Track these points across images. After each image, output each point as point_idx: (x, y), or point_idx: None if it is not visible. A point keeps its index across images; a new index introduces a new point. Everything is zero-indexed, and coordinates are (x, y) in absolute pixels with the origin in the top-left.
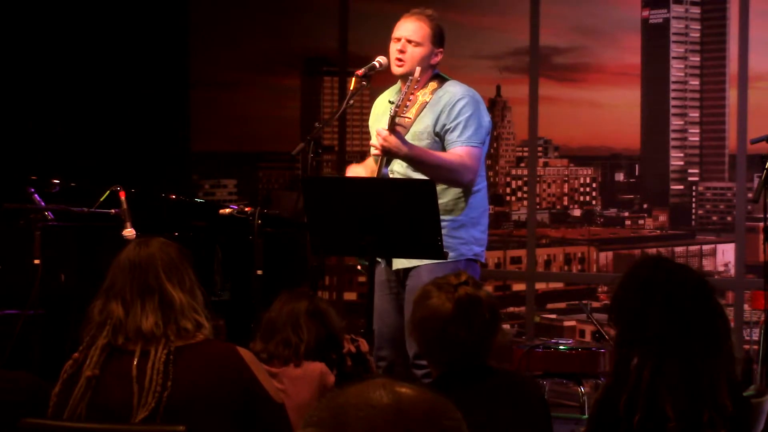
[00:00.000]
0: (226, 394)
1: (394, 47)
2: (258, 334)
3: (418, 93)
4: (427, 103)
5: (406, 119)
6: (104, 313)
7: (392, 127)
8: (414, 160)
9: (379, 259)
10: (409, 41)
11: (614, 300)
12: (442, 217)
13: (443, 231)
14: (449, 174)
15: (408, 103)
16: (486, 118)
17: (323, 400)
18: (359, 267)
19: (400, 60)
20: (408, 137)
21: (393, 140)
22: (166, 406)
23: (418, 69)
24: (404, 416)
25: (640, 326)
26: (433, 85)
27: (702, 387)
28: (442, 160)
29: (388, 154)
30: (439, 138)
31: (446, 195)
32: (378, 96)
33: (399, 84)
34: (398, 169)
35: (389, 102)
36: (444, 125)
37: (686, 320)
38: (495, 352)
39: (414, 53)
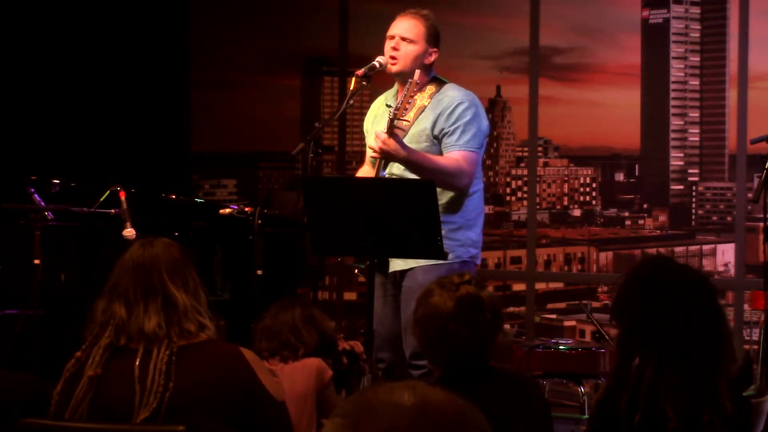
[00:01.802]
0: (227, 395)
1: (388, 45)
2: (255, 341)
3: (416, 96)
4: (425, 107)
5: (404, 122)
6: (107, 313)
7: (391, 130)
8: (412, 163)
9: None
10: (403, 39)
11: (616, 300)
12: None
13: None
14: (446, 178)
15: (407, 106)
16: (484, 123)
17: (354, 396)
18: (356, 270)
19: (393, 58)
20: (406, 139)
21: (392, 143)
22: (168, 406)
23: (417, 72)
24: (428, 418)
25: (642, 326)
26: (431, 88)
27: (703, 388)
28: (440, 165)
29: (386, 157)
30: (437, 141)
31: (443, 197)
32: (375, 98)
33: (396, 87)
34: (396, 171)
35: (386, 105)
36: (442, 129)
37: (688, 321)
38: (495, 352)
39: (408, 51)
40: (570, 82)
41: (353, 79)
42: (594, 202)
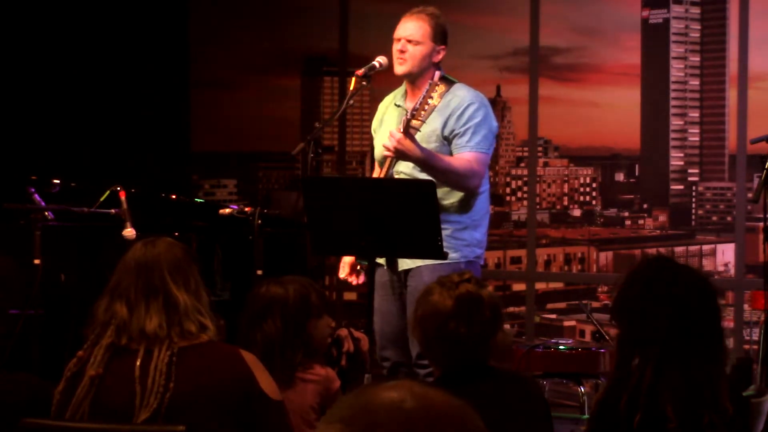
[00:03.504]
0: (226, 396)
1: (395, 47)
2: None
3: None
4: (435, 107)
5: (418, 122)
6: (109, 313)
7: (407, 130)
8: (426, 164)
9: (382, 261)
10: (409, 41)
11: (617, 300)
12: (446, 219)
13: (447, 233)
14: (458, 179)
15: (426, 107)
16: (494, 123)
17: (349, 398)
18: (359, 267)
19: (401, 59)
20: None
21: (408, 144)
22: (168, 407)
23: (437, 73)
24: (433, 421)
25: (643, 326)
26: (441, 88)
27: (703, 389)
28: (452, 166)
29: (401, 157)
30: (447, 141)
31: (451, 197)
32: (379, 97)
33: (404, 87)
34: (404, 169)
35: (395, 105)
36: (453, 130)
37: (688, 321)
38: (496, 352)
39: (414, 52)
40: (570, 82)
41: (353, 79)
42: (594, 202)
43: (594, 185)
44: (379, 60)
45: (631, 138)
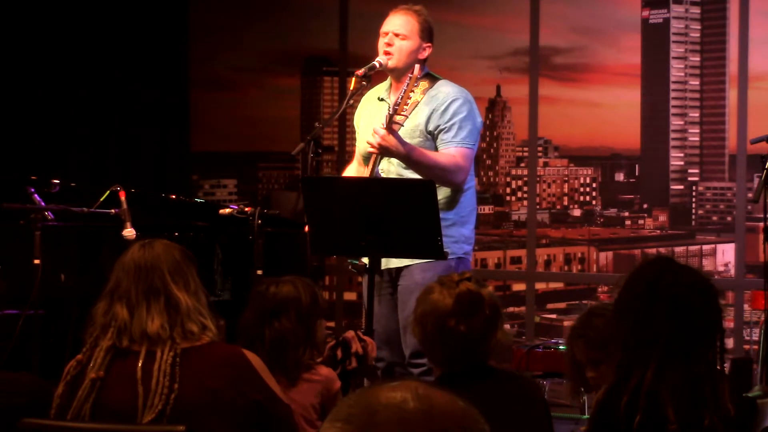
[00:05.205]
0: (233, 396)
1: (381, 41)
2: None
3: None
4: (418, 102)
5: (401, 117)
6: (109, 315)
7: (390, 126)
8: (410, 160)
9: (365, 260)
10: (396, 35)
11: (618, 300)
12: None
13: None
14: (443, 174)
15: (408, 102)
16: (478, 119)
17: (352, 397)
18: (350, 267)
19: (387, 53)
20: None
21: (392, 140)
22: (173, 408)
23: (417, 66)
24: (435, 422)
25: (644, 327)
26: (424, 84)
27: (704, 390)
28: (437, 161)
29: (385, 153)
30: (431, 136)
31: (437, 193)
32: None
33: (388, 81)
34: (389, 167)
35: (378, 99)
36: (438, 125)
37: (691, 322)
38: (496, 352)
39: (401, 47)
40: (570, 82)
41: (353, 79)
42: (594, 202)
43: (594, 185)
44: (379, 60)
45: (631, 138)
